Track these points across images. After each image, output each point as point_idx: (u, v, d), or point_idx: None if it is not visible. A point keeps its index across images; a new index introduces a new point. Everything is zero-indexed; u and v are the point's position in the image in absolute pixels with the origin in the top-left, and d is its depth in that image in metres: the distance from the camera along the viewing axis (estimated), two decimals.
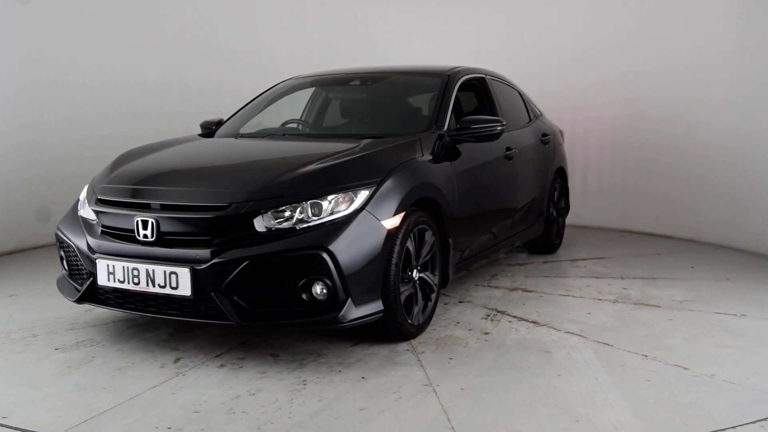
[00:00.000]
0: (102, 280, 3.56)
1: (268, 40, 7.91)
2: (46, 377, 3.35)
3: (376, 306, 3.51)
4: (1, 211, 6.28)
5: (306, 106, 5.60)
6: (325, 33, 8.05)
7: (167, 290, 3.38)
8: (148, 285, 3.42)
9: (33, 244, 6.57)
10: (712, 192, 6.60)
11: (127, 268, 3.46)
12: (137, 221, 3.48)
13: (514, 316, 4.32)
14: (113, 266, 3.51)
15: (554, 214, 6.21)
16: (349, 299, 3.36)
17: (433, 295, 4.06)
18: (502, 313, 4.41)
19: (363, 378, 3.34)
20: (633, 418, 2.88)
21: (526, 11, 7.76)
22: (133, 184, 3.73)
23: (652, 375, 3.35)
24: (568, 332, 4.02)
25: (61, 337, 3.94)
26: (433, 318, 4.23)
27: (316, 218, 3.40)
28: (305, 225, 3.37)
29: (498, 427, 2.81)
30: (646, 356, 3.62)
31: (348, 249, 3.36)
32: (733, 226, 6.41)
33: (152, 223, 3.45)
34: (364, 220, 3.45)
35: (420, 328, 3.94)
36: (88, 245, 3.67)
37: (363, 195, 3.50)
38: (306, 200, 3.42)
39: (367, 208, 3.48)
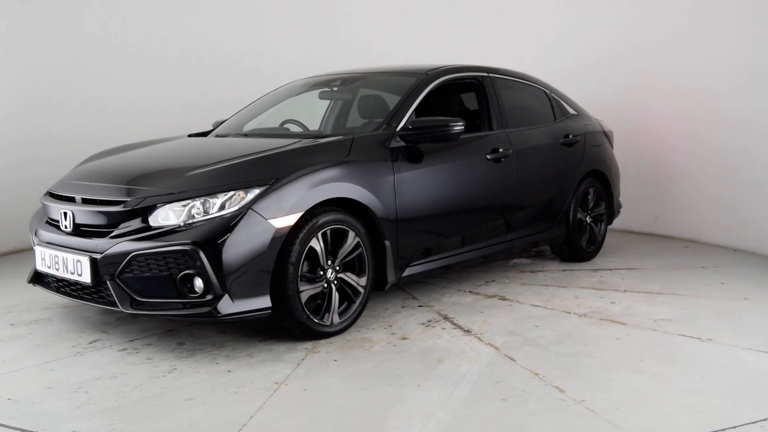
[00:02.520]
0: (39, 265, 3.98)
1: (268, 44, 7.86)
2: None
3: (262, 303, 3.61)
4: (1, 211, 6.34)
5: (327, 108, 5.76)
6: (328, 34, 7.99)
7: (75, 277, 3.72)
8: (64, 271, 3.79)
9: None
10: (712, 192, 6.51)
11: (51, 255, 3.86)
12: (60, 213, 3.86)
13: (455, 324, 4.20)
14: (44, 253, 3.92)
15: (586, 220, 5.85)
16: (226, 294, 3.49)
17: (359, 297, 4.05)
18: (448, 319, 4.30)
19: (229, 371, 3.46)
20: None
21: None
22: (73, 180, 4.12)
23: (517, 394, 3.16)
24: (489, 344, 3.85)
25: (25, 315, 4.42)
26: (368, 319, 4.24)
27: (204, 215, 3.56)
28: (192, 221, 3.55)
29: (290, 429, 2.82)
30: (537, 374, 3.40)
31: (227, 246, 3.49)
32: (733, 226, 6.32)
33: (70, 214, 3.81)
34: (250, 219, 3.56)
35: (339, 329, 3.96)
36: (36, 233, 4.11)
37: (252, 194, 3.61)
38: (196, 198, 3.60)
39: (254, 206, 3.58)
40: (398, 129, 4.38)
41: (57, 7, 6.80)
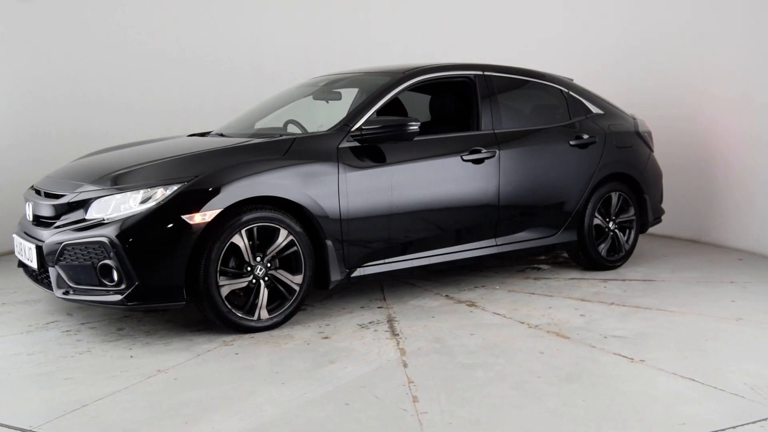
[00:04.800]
0: (16, 251, 4.45)
1: (268, 47, 7.74)
2: None
3: (175, 294, 3.80)
4: (1, 212, 6.32)
5: None
6: (328, 36, 7.82)
7: (29, 262, 4.14)
8: (24, 257, 4.22)
9: None
10: (712, 192, 6.38)
11: (19, 243, 4.30)
12: (27, 204, 4.30)
13: (390, 328, 4.15)
14: (17, 241, 4.38)
15: (608, 226, 5.48)
16: (136, 285, 3.73)
17: (294, 295, 4.13)
18: (390, 322, 4.26)
19: (131, 357, 3.71)
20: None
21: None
22: (50, 175, 4.54)
23: (366, 400, 3.11)
24: (401, 348, 3.79)
25: (13, 297, 4.91)
26: (309, 316, 4.31)
27: (128, 209, 3.82)
28: (116, 215, 3.82)
29: (112, 415, 2.99)
30: (412, 382, 3.31)
31: (141, 239, 3.73)
32: (733, 226, 6.22)
33: (32, 206, 4.23)
34: (166, 214, 3.77)
35: (268, 324, 4.07)
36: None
37: (170, 190, 3.82)
38: (121, 193, 3.87)
39: (171, 203, 3.79)
40: (352, 129, 4.39)
41: (57, 8, 6.84)
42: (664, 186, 6.35)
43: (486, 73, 5.09)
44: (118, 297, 3.76)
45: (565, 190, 5.23)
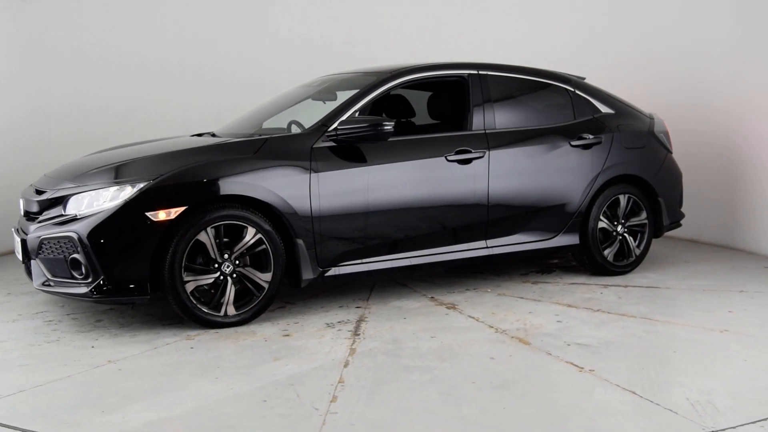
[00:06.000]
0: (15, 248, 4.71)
1: (268, 51, 7.62)
2: None
3: (139, 288, 3.94)
4: (1, 212, 6.41)
5: None
6: (329, 38, 7.67)
7: (18, 255, 4.37)
8: (16, 250, 4.46)
9: None
10: (712, 192, 6.26)
11: (14, 237, 4.55)
12: (20, 200, 4.54)
13: (356, 328, 4.14)
14: (14, 236, 4.63)
15: (616, 230, 5.27)
16: (102, 278, 3.88)
17: (262, 292, 4.19)
18: (360, 322, 4.25)
19: (92, 347, 3.86)
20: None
21: None
22: (45, 174, 4.77)
23: (278, 397, 3.12)
24: (352, 348, 3.78)
25: (21, 287, 5.18)
26: (282, 313, 4.37)
27: (98, 206, 3.98)
28: (87, 211, 3.99)
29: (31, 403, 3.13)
30: (342, 382, 3.30)
31: (106, 234, 3.88)
32: (733, 226, 6.15)
33: (23, 202, 4.47)
34: (131, 211, 3.91)
35: (235, 320, 4.14)
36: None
37: (136, 188, 3.95)
38: (93, 190, 4.04)
39: (135, 200, 3.92)
40: (329, 129, 4.41)
41: (58, 10, 6.89)
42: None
43: (481, 72, 4.99)
44: (86, 290, 3.92)
45: (564, 192, 5.06)
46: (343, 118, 4.46)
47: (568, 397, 3.12)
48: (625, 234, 5.31)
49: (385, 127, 4.32)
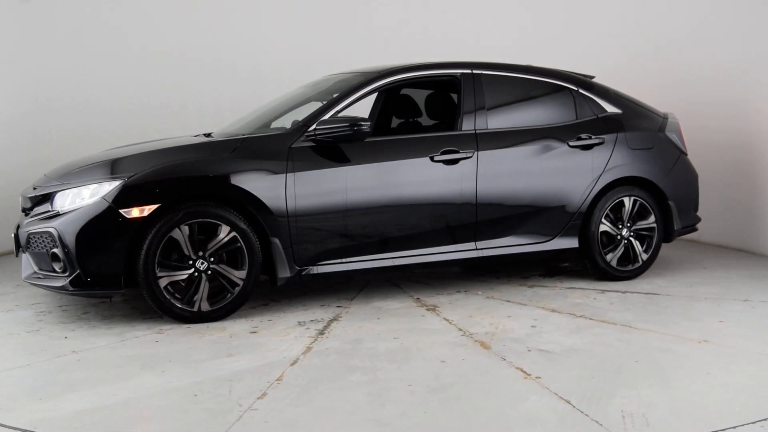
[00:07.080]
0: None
1: (268, 50, 7.50)
2: None
3: (113, 283, 4.08)
4: (1, 212, 6.39)
5: None
6: (328, 37, 7.54)
7: (13, 248, 4.60)
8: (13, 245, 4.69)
9: None
10: (712, 192, 6.06)
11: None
12: (20, 198, 4.77)
13: (324, 328, 4.14)
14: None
15: (621, 233, 5.08)
16: (78, 272, 4.04)
17: (237, 288, 4.27)
18: (333, 322, 4.26)
19: (65, 338, 4.01)
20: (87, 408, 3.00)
21: None
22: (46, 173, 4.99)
23: (187, 390, 3.16)
24: (308, 347, 3.79)
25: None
26: (259, 310, 4.43)
27: (77, 203, 4.15)
28: (68, 208, 4.17)
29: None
30: (279, 380, 3.33)
31: (81, 230, 4.04)
32: (733, 226, 6.12)
33: (21, 199, 4.70)
34: (105, 208, 4.06)
35: (211, 316, 4.23)
36: None
37: (112, 186, 4.09)
38: (75, 188, 4.21)
39: (110, 197, 4.06)
40: (309, 129, 4.44)
41: (57, 11, 6.90)
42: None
43: (475, 71, 4.91)
44: (61, 282, 4.09)
45: (561, 194, 4.91)
46: (324, 118, 4.48)
47: (497, 403, 3.03)
48: (631, 238, 5.10)
49: (362, 127, 4.31)
